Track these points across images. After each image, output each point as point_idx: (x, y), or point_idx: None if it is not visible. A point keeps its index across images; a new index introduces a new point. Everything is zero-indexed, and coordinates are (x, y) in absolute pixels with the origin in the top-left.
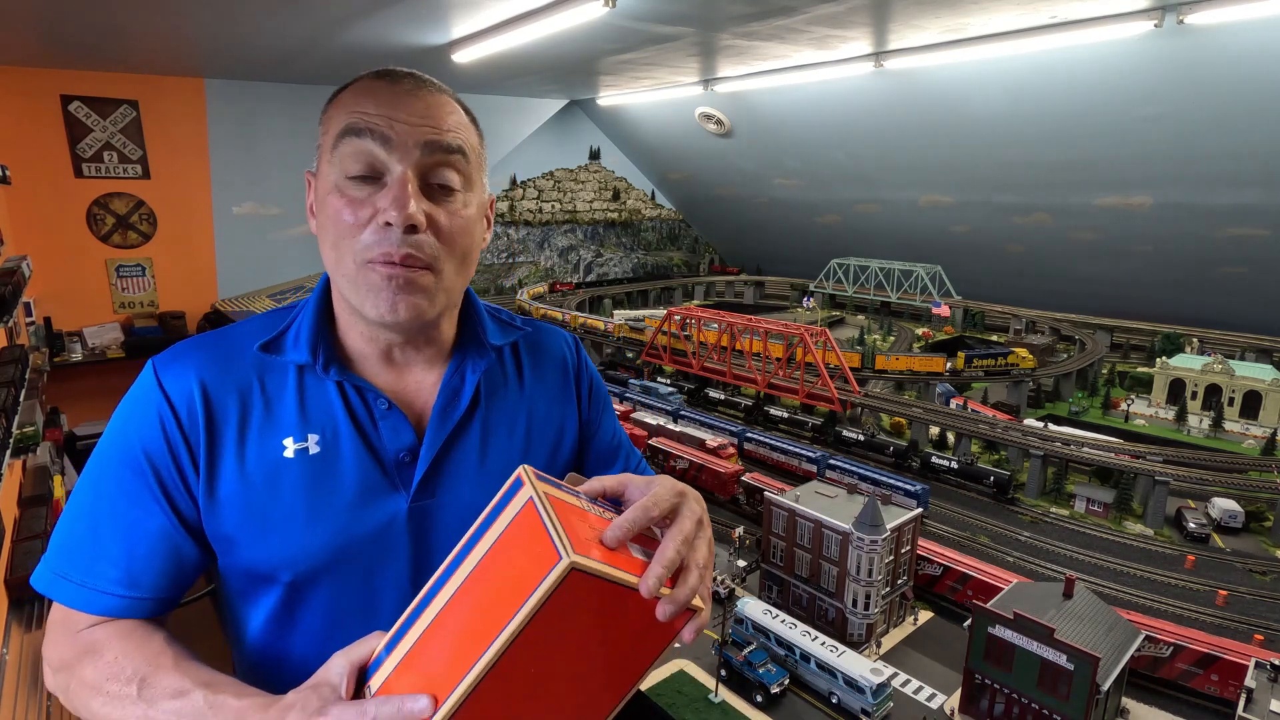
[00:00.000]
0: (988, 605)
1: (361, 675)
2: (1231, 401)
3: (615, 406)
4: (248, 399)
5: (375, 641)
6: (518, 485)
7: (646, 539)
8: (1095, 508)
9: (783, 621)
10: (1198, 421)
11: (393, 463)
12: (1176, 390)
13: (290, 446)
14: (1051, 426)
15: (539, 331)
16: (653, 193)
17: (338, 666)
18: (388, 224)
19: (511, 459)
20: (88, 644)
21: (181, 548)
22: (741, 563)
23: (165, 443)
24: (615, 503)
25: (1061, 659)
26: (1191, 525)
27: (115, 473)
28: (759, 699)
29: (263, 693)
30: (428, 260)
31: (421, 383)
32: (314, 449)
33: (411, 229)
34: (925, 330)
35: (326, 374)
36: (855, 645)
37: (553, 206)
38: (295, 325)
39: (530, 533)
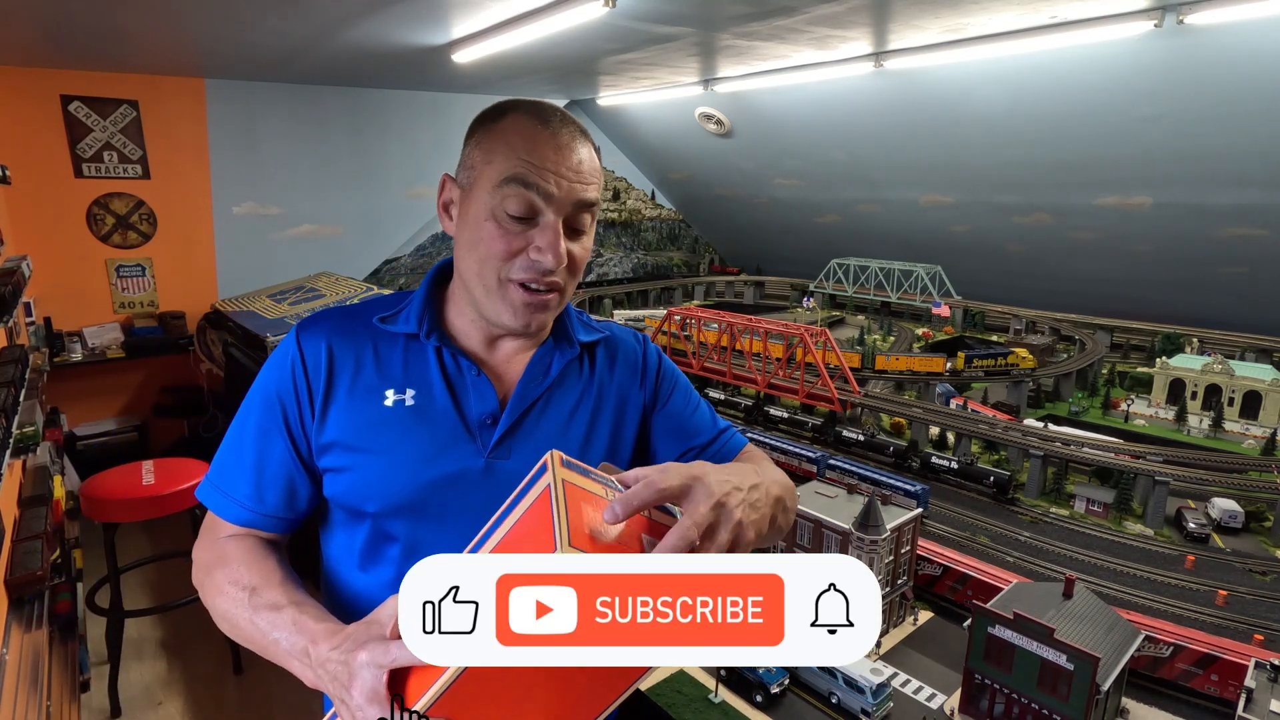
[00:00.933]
0: (988, 605)
1: None
2: (1231, 401)
3: None
4: (362, 357)
5: None
6: (542, 471)
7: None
8: (1095, 508)
9: None
10: (1198, 421)
11: (476, 423)
12: (1176, 390)
13: (390, 397)
14: (1051, 426)
15: (614, 335)
16: (653, 193)
17: (390, 607)
18: (538, 261)
19: (578, 432)
20: (222, 552)
21: (296, 476)
22: None
23: (293, 386)
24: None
25: (1061, 659)
26: (1191, 525)
27: (257, 408)
28: (759, 699)
29: (337, 621)
30: (560, 286)
31: (511, 361)
32: (410, 401)
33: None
34: (925, 330)
35: (428, 341)
36: None
37: None
38: (409, 306)
39: (540, 521)
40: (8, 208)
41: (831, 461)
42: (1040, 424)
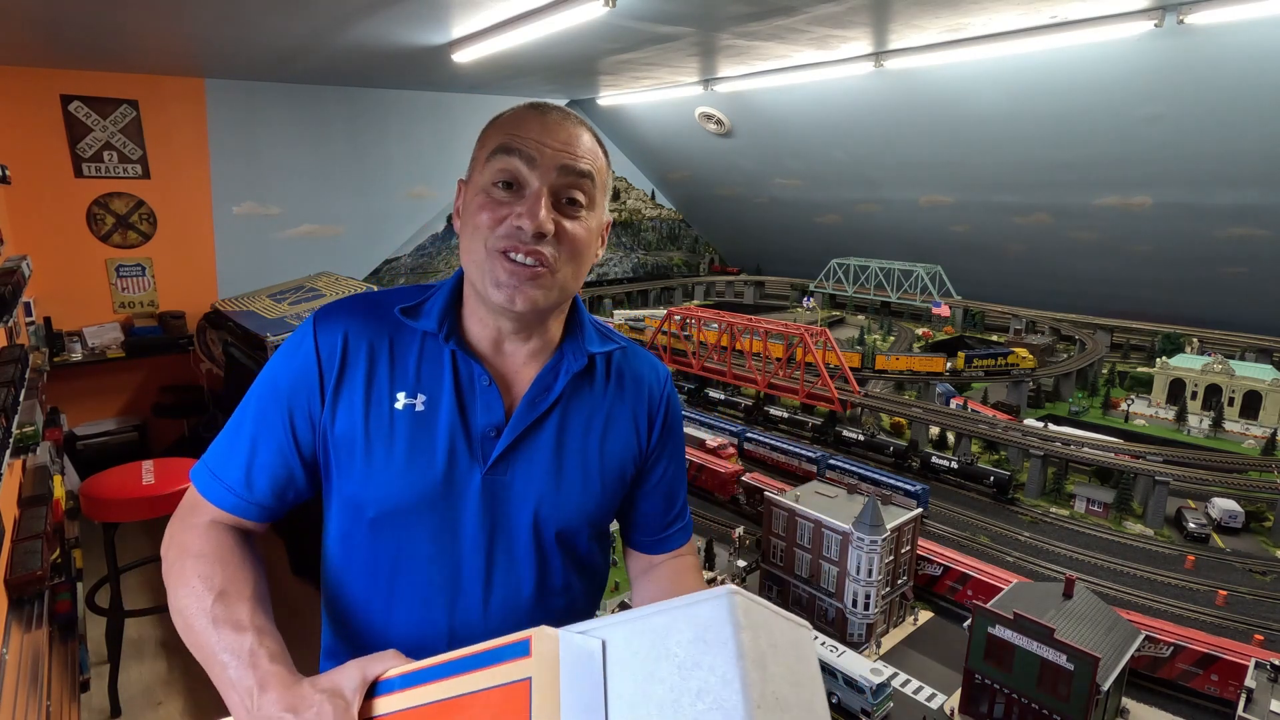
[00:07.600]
0: (988, 605)
1: (373, 687)
2: (1231, 401)
3: None
4: (377, 351)
5: (390, 661)
6: (523, 649)
7: None
8: (1095, 508)
9: None
10: (1198, 421)
11: (479, 436)
12: (1176, 390)
13: (401, 400)
14: (1051, 426)
15: (636, 354)
16: (653, 193)
17: (353, 680)
18: (519, 227)
19: (582, 457)
20: (200, 539)
21: (293, 467)
22: (741, 563)
23: (304, 378)
24: None
25: (1061, 659)
26: (1191, 525)
27: (260, 395)
28: None
29: (289, 664)
30: (549, 261)
31: (520, 372)
32: (420, 407)
33: (539, 235)
34: (925, 330)
35: (447, 343)
36: (855, 645)
37: None
38: (431, 300)
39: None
40: (8, 208)
41: (831, 461)
42: (1040, 424)
